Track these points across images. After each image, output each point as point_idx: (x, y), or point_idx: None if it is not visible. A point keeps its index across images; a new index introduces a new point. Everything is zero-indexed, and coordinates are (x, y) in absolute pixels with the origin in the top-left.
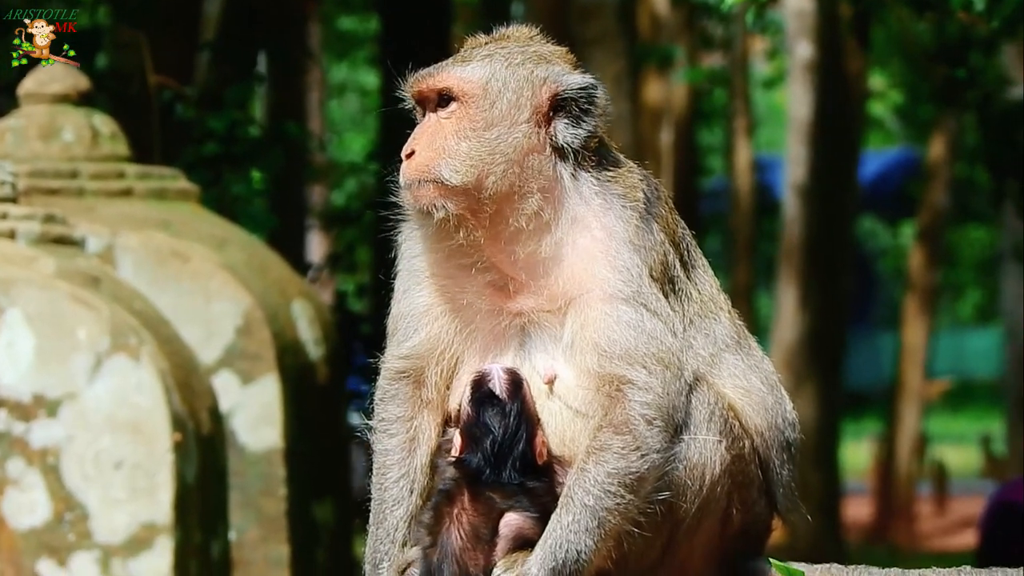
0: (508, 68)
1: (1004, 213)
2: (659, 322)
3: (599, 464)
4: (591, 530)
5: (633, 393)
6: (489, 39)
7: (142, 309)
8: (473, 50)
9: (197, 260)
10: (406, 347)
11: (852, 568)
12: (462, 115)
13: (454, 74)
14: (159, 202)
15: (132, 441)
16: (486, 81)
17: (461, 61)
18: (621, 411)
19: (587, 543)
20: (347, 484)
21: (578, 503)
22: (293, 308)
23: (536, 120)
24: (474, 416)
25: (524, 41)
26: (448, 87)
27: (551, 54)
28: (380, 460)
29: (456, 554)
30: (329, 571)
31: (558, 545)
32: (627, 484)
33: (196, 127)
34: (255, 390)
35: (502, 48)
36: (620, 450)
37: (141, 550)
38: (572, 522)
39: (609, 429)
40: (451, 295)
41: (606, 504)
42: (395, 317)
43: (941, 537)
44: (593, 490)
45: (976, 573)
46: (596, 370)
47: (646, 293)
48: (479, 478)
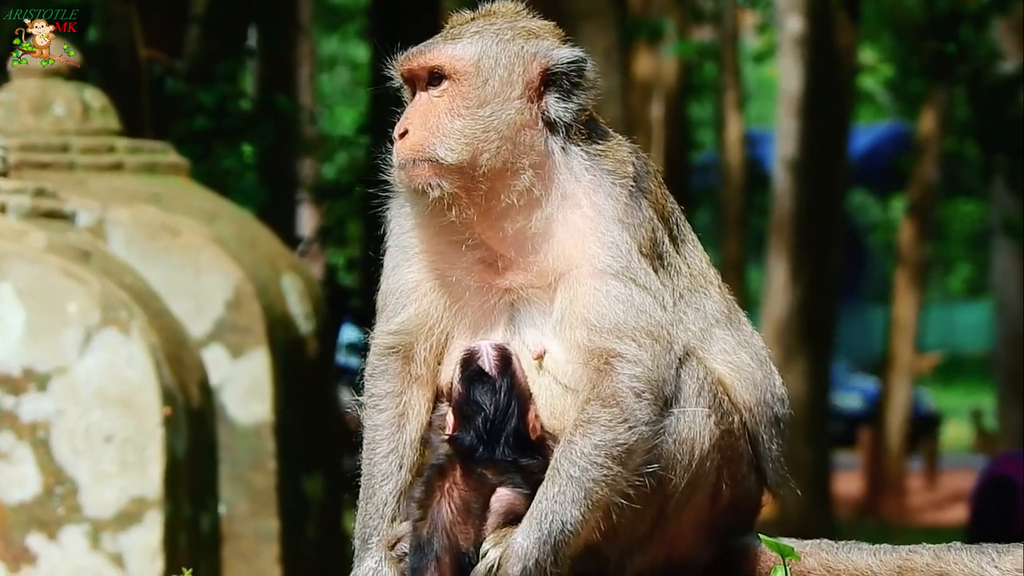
0: (498, 44)
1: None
2: (648, 296)
3: (586, 436)
4: (577, 501)
5: (622, 366)
6: (476, 15)
7: (132, 283)
8: (461, 27)
9: (187, 234)
10: (395, 323)
11: (842, 544)
12: (454, 93)
13: (445, 52)
14: (149, 176)
15: (122, 415)
16: (478, 58)
17: (451, 38)
18: (609, 384)
19: (573, 514)
20: (337, 458)
21: (564, 474)
22: (283, 282)
23: (528, 96)
24: (465, 394)
25: (511, 16)
26: (439, 65)
27: (540, 29)
28: (369, 435)
29: (447, 527)
30: (319, 545)
31: (544, 516)
32: (614, 456)
33: (186, 101)
34: (245, 364)
35: (491, 24)
36: (607, 422)
37: (131, 524)
38: (558, 493)
39: (597, 402)
40: (441, 271)
41: (592, 475)
42: (384, 293)
43: (932, 512)
44: (579, 461)
45: (967, 548)
46: (585, 344)
47: (635, 268)
48: (472, 455)
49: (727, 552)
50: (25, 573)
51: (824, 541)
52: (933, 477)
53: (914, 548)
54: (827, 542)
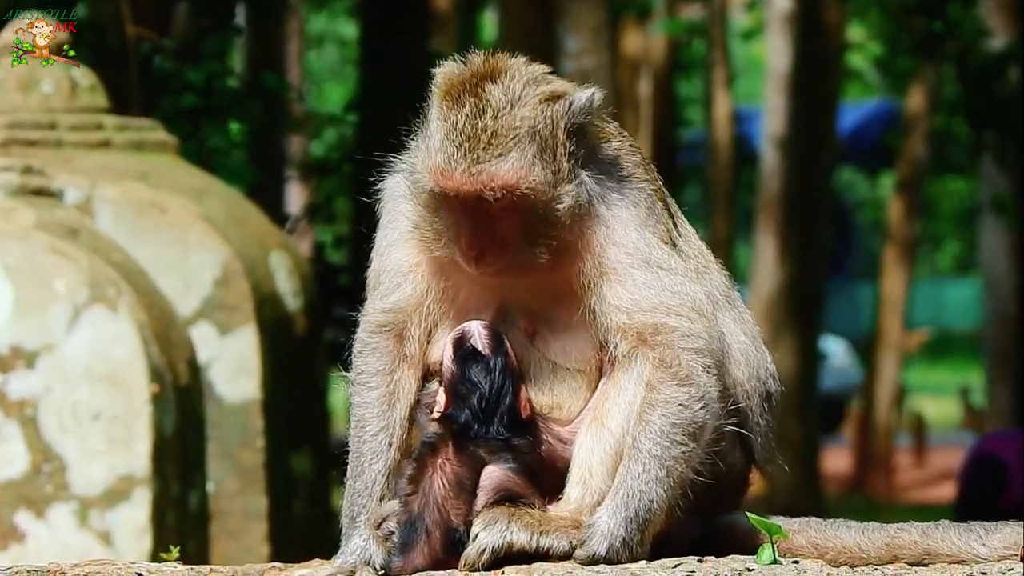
0: (540, 137)
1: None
2: (679, 277)
3: (664, 416)
4: (661, 480)
5: (683, 341)
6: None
7: (120, 260)
8: (480, 118)
9: (175, 211)
10: (390, 301)
11: (831, 522)
12: (521, 206)
13: (503, 171)
14: (137, 154)
15: (110, 392)
16: (532, 165)
17: (492, 147)
18: (678, 361)
19: (658, 492)
20: (325, 436)
21: (647, 454)
22: (271, 259)
23: (570, 162)
24: (459, 374)
25: (522, 84)
26: (507, 185)
27: (544, 84)
28: (359, 413)
29: (438, 502)
30: (307, 523)
31: (631, 495)
32: (690, 433)
33: (174, 79)
34: (233, 341)
35: (515, 114)
36: (685, 401)
37: (119, 502)
38: (643, 472)
39: (672, 381)
40: (439, 256)
41: (673, 453)
42: (378, 270)
43: (920, 489)
44: (661, 441)
45: (955, 526)
46: (627, 323)
47: (661, 257)
48: (467, 434)
49: (714, 530)
50: (13, 551)
51: (812, 519)
52: (921, 454)
53: (902, 526)
54: (815, 520)
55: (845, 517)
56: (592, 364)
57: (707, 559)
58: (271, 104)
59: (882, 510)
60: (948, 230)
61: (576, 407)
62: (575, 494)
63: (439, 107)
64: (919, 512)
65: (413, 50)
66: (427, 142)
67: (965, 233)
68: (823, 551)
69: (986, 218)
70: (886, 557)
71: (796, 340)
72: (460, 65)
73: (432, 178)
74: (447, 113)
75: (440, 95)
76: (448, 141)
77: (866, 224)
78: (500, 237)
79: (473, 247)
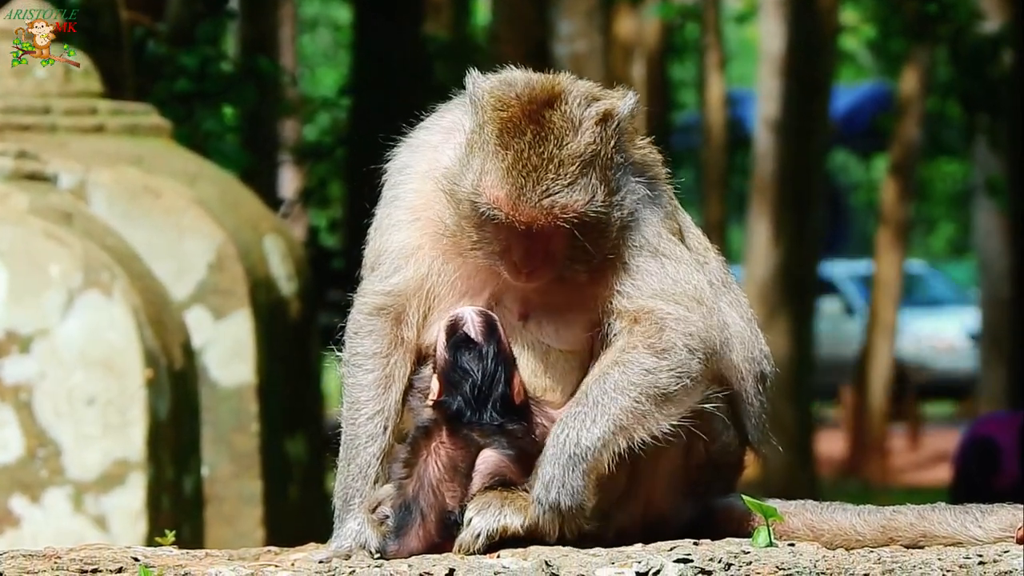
0: (598, 161)
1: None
2: (683, 266)
3: (624, 373)
4: (599, 422)
5: (675, 323)
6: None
7: (114, 245)
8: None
9: (169, 196)
10: (391, 283)
11: (826, 504)
12: (580, 224)
13: (575, 199)
14: (131, 138)
15: (104, 377)
16: (596, 188)
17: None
18: (661, 337)
19: (592, 432)
20: (319, 420)
21: (590, 400)
22: (265, 244)
23: (616, 173)
24: (452, 361)
25: (576, 105)
26: (577, 213)
27: (594, 102)
28: (354, 395)
29: (434, 485)
30: (301, 506)
31: (562, 435)
32: (649, 395)
33: (168, 63)
34: (227, 326)
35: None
36: (651, 367)
37: (114, 486)
38: (578, 413)
39: (646, 350)
40: (444, 241)
41: (621, 404)
42: (379, 250)
43: (915, 472)
44: (609, 391)
45: (951, 508)
46: (625, 306)
47: (666, 247)
48: (460, 420)
49: (709, 512)
50: (8, 536)
51: (808, 502)
52: (916, 437)
53: (898, 508)
54: (811, 503)
55: (840, 500)
56: (584, 346)
57: (702, 542)
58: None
59: (877, 493)
60: (942, 212)
61: (569, 389)
62: None
63: (497, 135)
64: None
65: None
66: (483, 167)
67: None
68: (819, 534)
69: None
70: (882, 539)
71: (790, 323)
72: (506, 84)
73: (497, 208)
74: (508, 141)
75: (496, 121)
76: (514, 172)
77: (860, 206)
78: (551, 253)
79: (527, 265)
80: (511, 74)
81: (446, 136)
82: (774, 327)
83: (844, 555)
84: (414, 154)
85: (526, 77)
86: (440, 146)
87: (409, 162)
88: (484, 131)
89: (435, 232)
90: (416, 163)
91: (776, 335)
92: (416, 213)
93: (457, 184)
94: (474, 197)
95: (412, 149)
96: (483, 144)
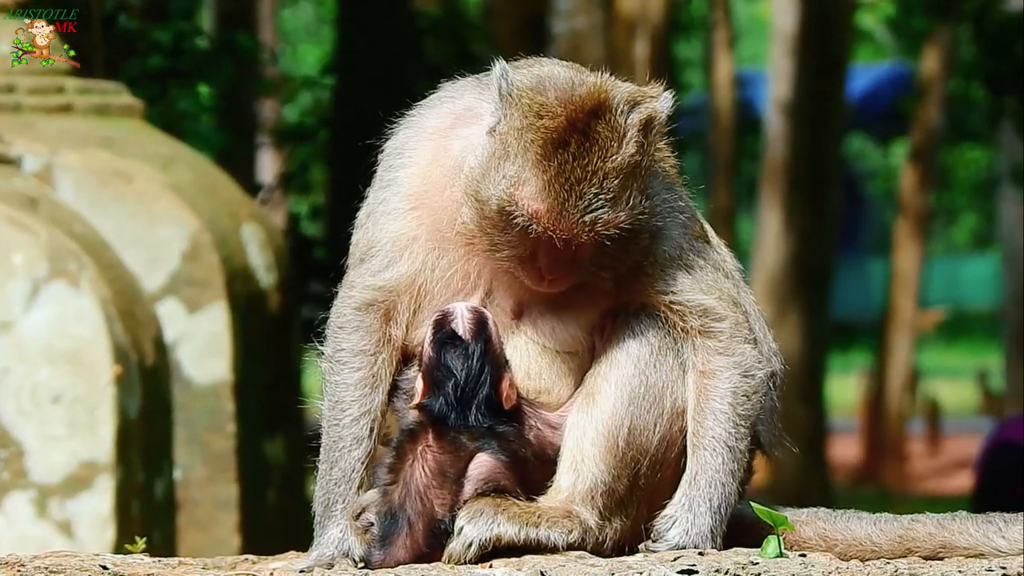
0: (639, 170)
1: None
2: (710, 270)
3: (734, 406)
4: (734, 472)
5: (737, 332)
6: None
7: (82, 233)
8: (589, 159)
9: (141, 180)
10: (383, 277)
11: (840, 513)
12: (620, 238)
13: (616, 213)
14: (101, 118)
15: (71, 374)
16: (637, 200)
17: (603, 192)
18: (742, 354)
19: (731, 483)
20: (300, 420)
21: (723, 444)
22: (243, 231)
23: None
24: (435, 358)
25: (620, 115)
26: (617, 227)
27: (636, 106)
28: (337, 394)
29: (420, 491)
30: (280, 512)
31: (712, 485)
32: (749, 427)
33: (140, 39)
34: (202, 319)
35: (623, 153)
36: (750, 393)
37: (80, 490)
38: (723, 463)
39: (736, 371)
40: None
41: (741, 447)
42: (370, 240)
43: (934, 479)
44: (734, 432)
45: (972, 518)
46: (662, 300)
47: (694, 250)
48: (444, 423)
49: None
50: None
51: (821, 510)
52: (936, 442)
53: (916, 517)
54: (824, 511)
55: (855, 508)
56: (583, 346)
57: (708, 552)
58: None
59: (894, 501)
60: (965, 202)
61: (566, 391)
62: (566, 482)
63: (540, 145)
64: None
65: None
66: (520, 175)
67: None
68: (832, 544)
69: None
70: (899, 550)
71: (803, 319)
72: (545, 84)
73: (535, 222)
74: (551, 152)
75: (538, 129)
76: (556, 185)
77: (877, 195)
78: (578, 261)
79: (553, 273)
80: (545, 68)
81: (456, 121)
82: (785, 324)
83: (859, 567)
84: (416, 136)
85: (565, 76)
86: (449, 132)
87: (409, 144)
88: (522, 137)
89: (433, 223)
90: (418, 146)
91: (788, 332)
92: (414, 201)
93: (484, 187)
94: (508, 206)
95: (414, 131)
96: (521, 151)
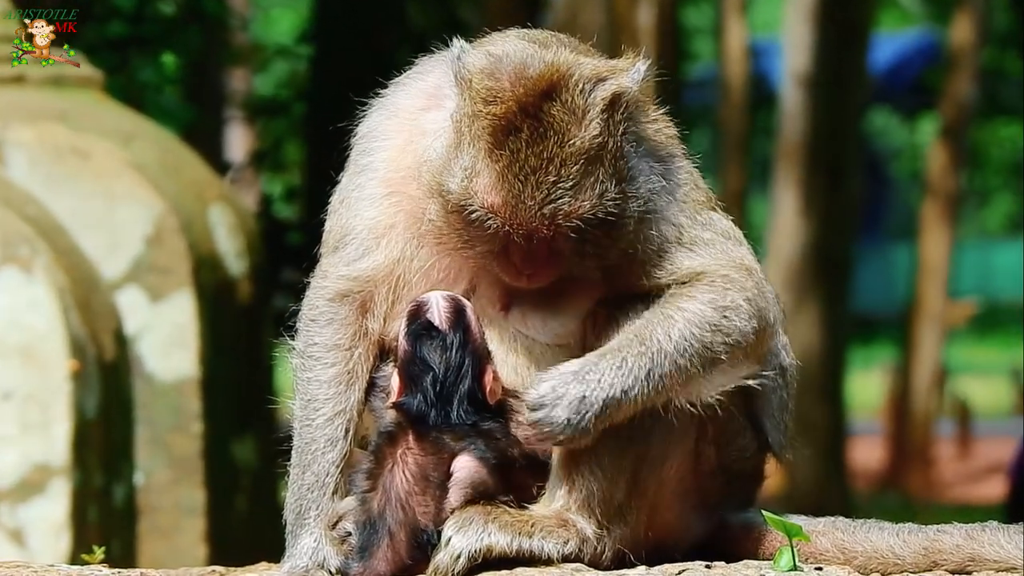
0: (606, 153)
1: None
2: (723, 239)
3: (690, 322)
4: (651, 377)
5: (731, 285)
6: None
7: (36, 215)
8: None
9: (100, 157)
10: (358, 267)
11: (860, 523)
12: (599, 226)
13: (580, 202)
14: (56, 90)
15: (23, 368)
16: (604, 185)
17: (562, 180)
18: (726, 296)
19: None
20: (271, 419)
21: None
22: (211, 214)
23: (625, 158)
24: (411, 351)
25: (578, 94)
26: (581, 216)
27: (600, 83)
28: (310, 392)
29: (401, 499)
30: (250, 519)
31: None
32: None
33: (99, 4)
34: (166, 309)
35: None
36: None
37: (32, 495)
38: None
39: (708, 305)
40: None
41: (679, 362)
42: (345, 227)
43: (963, 486)
44: (677, 341)
45: (1004, 528)
46: (663, 279)
47: (700, 224)
48: (424, 422)
49: (724, 529)
50: None
51: (839, 519)
52: (966, 445)
53: (943, 528)
54: (843, 520)
55: (877, 517)
56: (574, 339)
57: (716, 564)
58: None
59: (920, 509)
60: (998, 183)
61: None
62: (560, 488)
63: (490, 132)
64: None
65: None
66: (474, 165)
67: (1018, 187)
68: (851, 556)
69: None
70: (924, 563)
71: (821, 311)
72: (496, 65)
73: (492, 216)
74: (502, 140)
75: (488, 116)
76: (510, 175)
77: (903, 176)
78: (556, 252)
79: (528, 267)
80: (500, 46)
81: (428, 102)
82: (802, 314)
83: None
84: (390, 119)
85: (519, 55)
86: (421, 114)
87: (383, 127)
88: (474, 124)
89: (411, 210)
90: (392, 129)
91: (804, 325)
92: (390, 187)
93: (443, 179)
94: (465, 200)
95: (388, 112)
96: (473, 139)
